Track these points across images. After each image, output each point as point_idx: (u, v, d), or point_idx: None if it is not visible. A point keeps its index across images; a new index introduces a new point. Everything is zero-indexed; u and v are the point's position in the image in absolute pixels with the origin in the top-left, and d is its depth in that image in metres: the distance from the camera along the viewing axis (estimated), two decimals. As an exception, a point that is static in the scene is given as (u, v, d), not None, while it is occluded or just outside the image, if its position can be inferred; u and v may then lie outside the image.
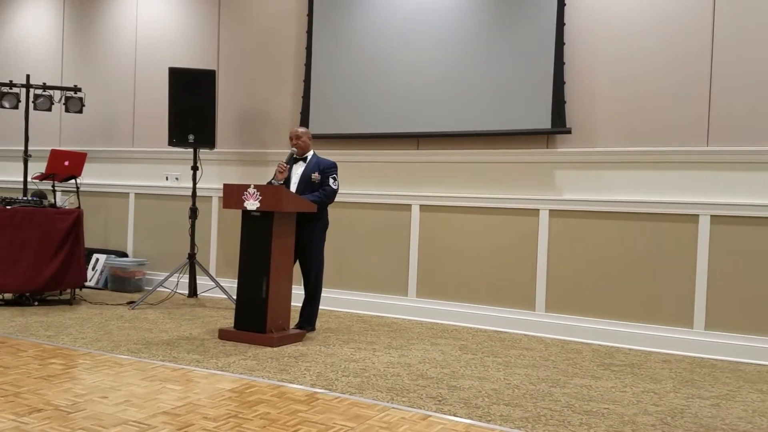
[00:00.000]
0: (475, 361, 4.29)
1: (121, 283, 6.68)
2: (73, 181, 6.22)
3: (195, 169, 6.30)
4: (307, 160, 5.06)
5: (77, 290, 6.02)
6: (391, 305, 5.83)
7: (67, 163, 6.10)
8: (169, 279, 6.20)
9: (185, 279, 6.37)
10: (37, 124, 7.13)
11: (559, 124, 5.18)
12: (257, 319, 4.56)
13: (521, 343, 4.93)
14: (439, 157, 5.73)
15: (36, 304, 5.70)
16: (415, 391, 3.56)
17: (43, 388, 3.34)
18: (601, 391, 3.72)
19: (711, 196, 4.78)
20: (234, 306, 4.82)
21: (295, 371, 3.87)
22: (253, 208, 4.59)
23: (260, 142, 6.53)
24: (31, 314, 5.31)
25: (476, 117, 5.50)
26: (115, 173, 7.24)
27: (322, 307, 5.22)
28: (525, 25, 5.32)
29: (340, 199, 5.32)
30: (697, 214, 4.80)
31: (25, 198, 6.06)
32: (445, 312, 5.62)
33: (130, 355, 4.13)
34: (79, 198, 6.25)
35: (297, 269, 4.98)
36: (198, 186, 6.36)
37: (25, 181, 6.64)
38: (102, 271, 6.87)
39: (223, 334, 4.68)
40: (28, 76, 6.77)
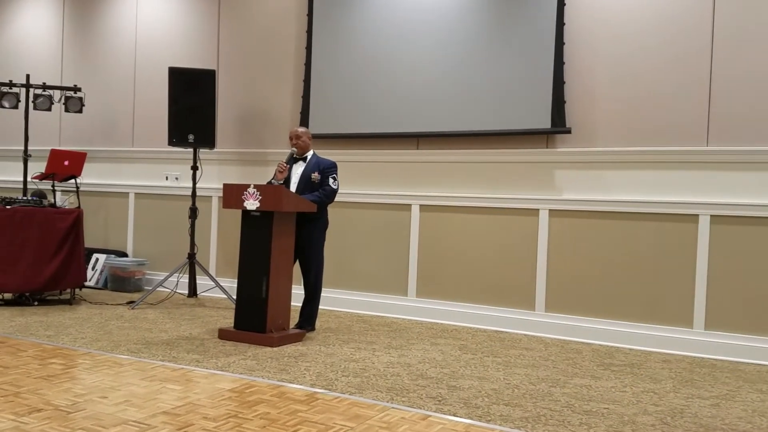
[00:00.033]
0: (475, 361, 4.29)
1: (121, 283, 6.68)
2: (73, 181, 6.22)
3: (195, 168, 6.30)
4: (307, 160, 5.06)
5: (77, 290, 6.02)
6: (391, 305, 5.83)
7: (67, 163, 6.10)
8: (169, 279, 6.20)
9: (185, 279, 6.37)
10: (37, 124, 7.14)
11: (559, 124, 5.19)
12: (257, 319, 4.57)
13: (521, 343, 4.93)
14: (439, 157, 5.73)
15: (36, 304, 5.70)
16: (415, 391, 3.56)
17: (43, 388, 3.34)
18: (601, 391, 3.72)
19: (711, 196, 4.78)
20: (234, 306, 4.82)
21: (295, 371, 3.87)
22: (253, 208, 4.59)
23: (260, 141, 6.53)
24: (31, 314, 5.31)
25: (476, 117, 5.50)
26: (115, 173, 7.24)
27: (322, 307, 5.23)
28: (525, 25, 5.32)
29: (340, 199, 5.32)
30: (697, 214, 4.81)
31: (25, 198, 6.06)
32: (445, 312, 5.62)
33: (129, 355, 4.13)
34: (79, 198, 6.25)
35: (297, 269, 4.99)
36: (198, 186, 6.36)
37: (25, 181, 6.64)
38: (102, 271, 6.87)
39: (223, 334, 4.68)
40: (28, 76, 6.77)
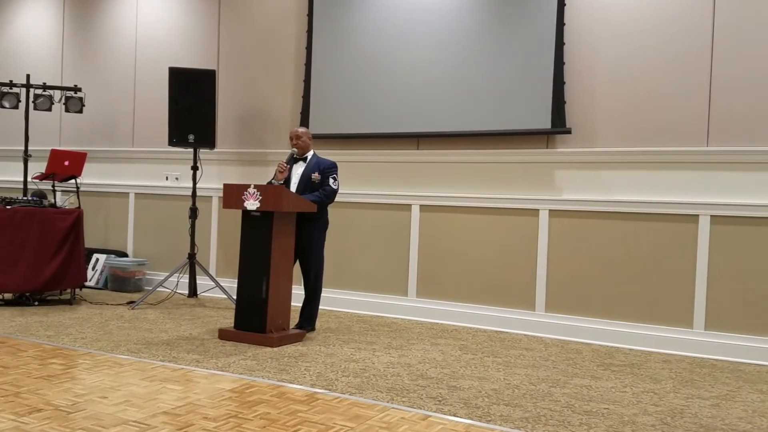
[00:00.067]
0: (475, 361, 4.29)
1: (121, 283, 6.68)
2: (73, 181, 6.22)
3: (195, 169, 6.30)
4: (307, 160, 5.06)
5: (77, 290, 6.02)
6: (391, 305, 5.83)
7: (67, 163, 6.10)
8: (169, 279, 6.20)
9: (185, 279, 6.37)
10: (37, 124, 7.13)
11: (559, 124, 5.18)
12: (257, 319, 4.57)
13: (521, 343, 4.93)
14: (439, 157, 5.73)
15: (36, 304, 5.70)
16: (415, 391, 3.56)
17: (43, 388, 3.34)
18: (601, 391, 3.72)
19: (711, 196, 4.78)
20: (234, 306, 4.82)
21: (295, 371, 3.87)
22: (253, 208, 4.59)
23: (260, 142, 6.53)
24: (31, 314, 5.32)
25: (476, 117, 5.50)
26: (115, 173, 7.24)
27: (322, 307, 5.23)
28: (525, 25, 5.32)
29: (340, 199, 5.32)
30: (697, 215, 4.81)
31: (25, 198, 6.06)
32: (445, 312, 5.62)
33: (130, 355, 4.13)
34: (79, 198, 6.25)
35: (297, 269, 4.99)
36: (198, 186, 6.36)
37: (25, 181, 6.64)
38: (102, 271, 6.87)
39: (223, 334, 4.68)
40: (28, 76, 6.77)
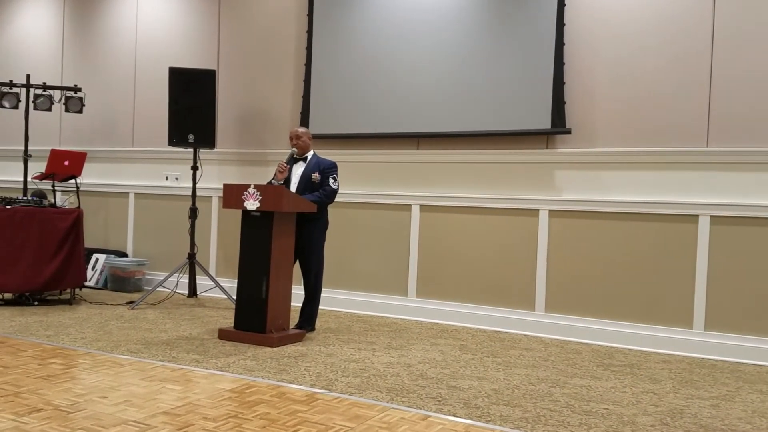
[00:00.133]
0: (474, 362, 4.29)
1: (121, 283, 6.68)
2: (73, 181, 6.22)
3: (195, 169, 6.30)
4: (307, 160, 5.06)
5: (77, 290, 6.02)
6: (391, 305, 5.83)
7: (67, 163, 6.10)
8: (169, 279, 6.20)
9: (185, 279, 6.37)
10: (37, 124, 7.14)
11: (559, 125, 5.19)
12: (257, 319, 4.57)
13: (521, 344, 4.93)
14: (439, 157, 5.73)
15: (36, 303, 5.70)
16: (414, 391, 3.56)
17: (43, 388, 3.34)
18: (601, 391, 3.72)
19: (711, 196, 4.78)
20: (234, 306, 4.82)
21: (295, 371, 3.87)
22: (253, 208, 4.59)
23: (260, 142, 6.53)
24: (31, 314, 5.32)
25: (476, 117, 5.50)
26: (115, 173, 7.24)
27: (322, 307, 5.23)
28: (525, 25, 5.33)
29: (340, 199, 5.32)
30: (697, 215, 4.80)
31: (25, 198, 6.06)
32: (444, 312, 5.62)
33: (129, 355, 4.13)
34: (79, 198, 6.25)
35: (297, 269, 4.99)
36: (198, 186, 6.36)
37: (25, 181, 6.64)
38: (102, 271, 6.87)
39: (223, 334, 4.68)
40: (28, 76, 6.77)
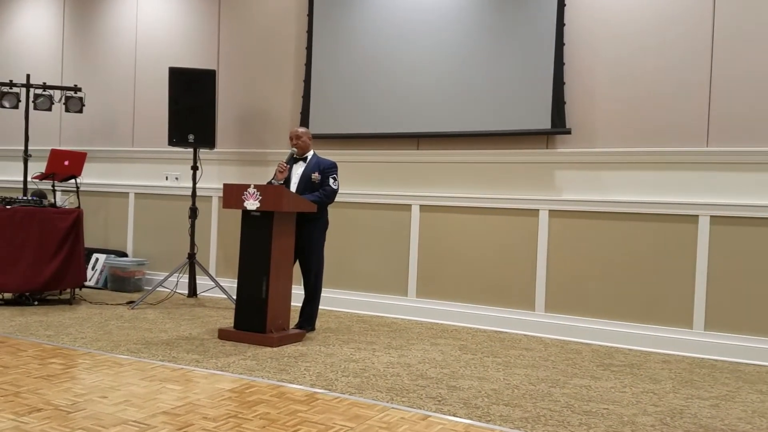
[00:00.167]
0: (474, 362, 4.29)
1: (121, 282, 6.68)
2: (73, 181, 6.22)
3: (195, 168, 6.30)
4: (307, 160, 5.06)
5: (77, 290, 6.02)
6: (391, 305, 5.83)
7: (67, 163, 6.10)
8: (169, 279, 6.20)
9: (185, 279, 6.37)
10: (37, 124, 7.14)
11: (559, 125, 5.19)
12: (257, 319, 4.57)
13: (521, 344, 4.93)
14: (439, 157, 5.73)
15: (36, 303, 5.70)
16: (414, 391, 3.56)
17: (43, 388, 3.34)
18: (601, 391, 3.72)
19: (711, 196, 4.78)
20: (234, 306, 4.82)
21: (295, 371, 3.87)
22: (253, 208, 4.59)
23: (260, 142, 6.53)
24: (31, 314, 5.32)
25: (476, 117, 5.50)
26: (115, 173, 7.24)
27: (322, 307, 5.23)
28: (525, 25, 5.33)
29: (340, 199, 5.32)
30: (697, 215, 4.81)
31: (25, 198, 6.06)
32: (444, 312, 5.62)
33: (129, 355, 4.13)
34: (79, 198, 6.25)
35: (297, 269, 4.99)
36: (198, 186, 6.36)
37: (25, 181, 6.65)
38: (102, 271, 6.87)
39: (223, 334, 4.68)
40: (28, 76, 6.77)
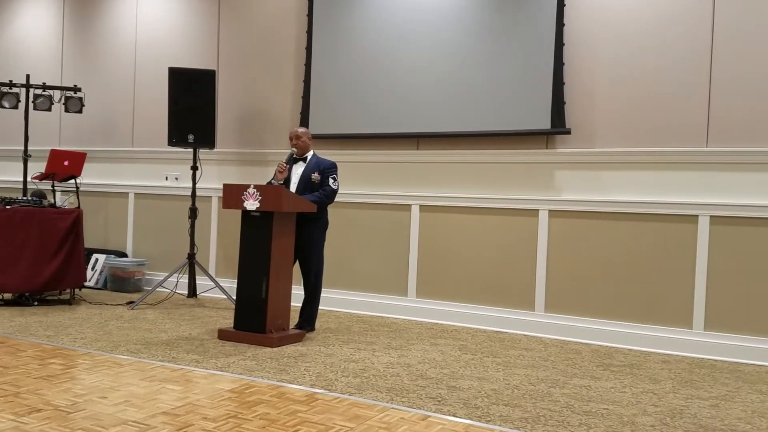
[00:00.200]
0: (474, 362, 4.29)
1: (121, 283, 6.68)
2: (73, 181, 6.22)
3: (195, 169, 6.30)
4: (307, 160, 5.06)
5: (77, 290, 6.02)
6: (391, 305, 5.83)
7: (66, 163, 6.10)
8: (169, 279, 6.20)
9: (185, 279, 6.37)
10: (37, 124, 7.13)
11: (559, 125, 5.19)
12: (257, 320, 4.57)
13: (521, 344, 4.93)
14: (439, 157, 5.73)
15: (35, 304, 5.69)
16: (414, 391, 3.56)
17: (43, 388, 3.34)
18: (601, 391, 3.72)
19: (711, 196, 4.78)
20: (233, 306, 4.82)
21: (295, 371, 3.87)
22: (253, 208, 4.59)
23: (260, 142, 6.53)
24: (31, 314, 5.31)
25: (476, 117, 5.50)
26: (115, 173, 7.24)
27: (321, 307, 5.22)
28: (525, 25, 5.33)
29: (340, 199, 5.32)
30: (697, 215, 4.81)
31: (25, 198, 6.06)
32: (444, 312, 5.62)
33: (129, 355, 4.13)
34: (78, 198, 6.25)
35: (297, 269, 4.99)
36: (198, 186, 6.36)
37: (25, 181, 6.64)
38: (101, 271, 6.87)
39: (223, 335, 4.68)
40: (28, 76, 6.77)
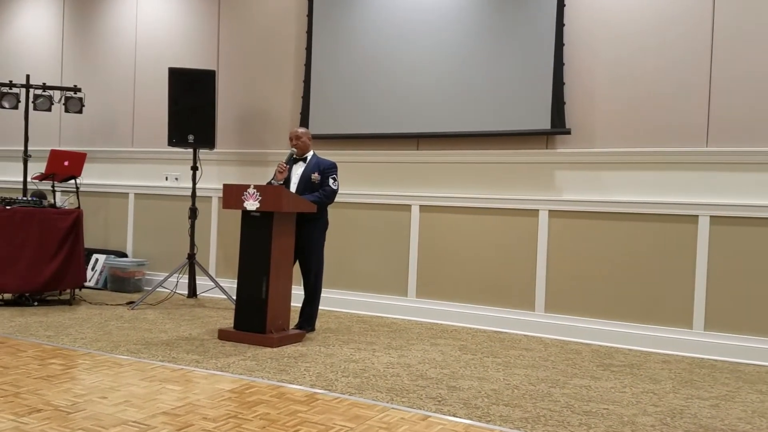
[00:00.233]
0: (474, 362, 4.29)
1: (121, 283, 6.68)
2: (73, 181, 6.22)
3: (195, 169, 6.30)
4: (307, 161, 5.06)
5: (77, 290, 6.01)
6: (391, 305, 5.83)
7: (66, 163, 6.10)
8: (169, 279, 6.20)
9: (185, 279, 6.37)
10: (37, 124, 7.13)
11: (559, 125, 5.19)
12: (257, 320, 4.57)
13: (521, 344, 4.93)
14: (439, 158, 5.73)
15: (36, 304, 5.69)
16: (414, 391, 3.56)
17: (43, 389, 3.34)
18: (601, 391, 3.72)
19: (711, 196, 4.78)
20: (234, 306, 4.82)
21: (295, 372, 3.87)
22: (253, 208, 4.59)
23: (260, 142, 6.53)
24: (31, 314, 5.32)
25: (476, 117, 5.50)
26: (115, 173, 7.24)
27: (321, 308, 5.22)
28: (525, 25, 5.33)
29: (340, 199, 5.32)
30: (697, 215, 4.81)
31: (25, 198, 6.06)
32: (444, 312, 5.62)
33: (129, 355, 4.13)
34: (78, 198, 6.25)
35: (297, 269, 4.99)
36: (198, 186, 6.36)
37: (25, 181, 6.64)
38: (101, 272, 6.87)
39: (223, 335, 4.68)
40: (28, 76, 6.77)
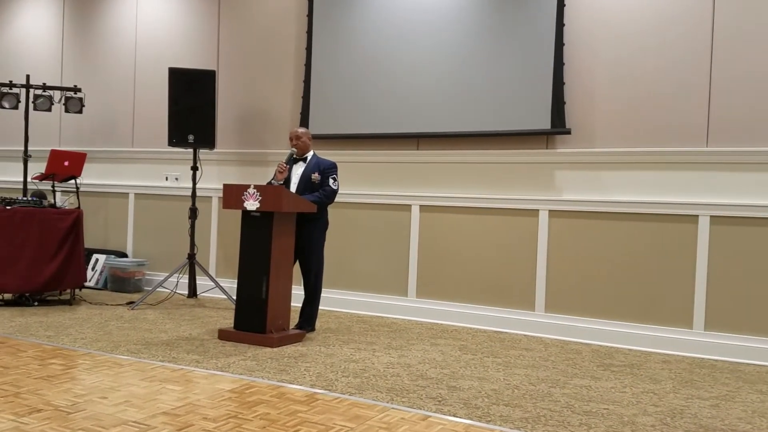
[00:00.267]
0: (474, 362, 4.29)
1: (121, 283, 6.68)
2: (73, 182, 6.22)
3: (195, 169, 6.30)
4: (307, 161, 5.06)
5: (77, 290, 6.01)
6: (391, 305, 5.83)
7: (66, 164, 6.10)
8: (169, 279, 6.20)
9: (185, 279, 6.37)
10: (37, 125, 7.13)
11: (559, 125, 5.19)
12: (257, 320, 4.57)
13: (521, 344, 4.93)
14: (439, 158, 5.73)
15: (36, 304, 5.69)
16: (414, 391, 3.56)
17: (43, 389, 3.34)
18: (601, 391, 3.72)
19: (711, 196, 4.78)
20: (234, 306, 4.82)
21: (295, 372, 3.87)
22: (253, 208, 4.59)
23: (260, 142, 6.53)
24: (31, 314, 5.32)
25: (476, 117, 5.50)
26: (115, 173, 7.24)
27: (322, 308, 5.22)
28: (525, 25, 5.33)
29: (340, 199, 5.32)
30: (697, 215, 4.81)
31: (25, 198, 6.06)
32: (444, 312, 5.62)
33: (129, 355, 4.13)
34: (78, 198, 6.25)
35: (297, 269, 4.99)
36: (198, 186, 6.36)
37: (25, 182, 6.64)
38: (102, 272, 6.87)
39: (223, 335, 4.68)
40: (28, 77, 6.77)
